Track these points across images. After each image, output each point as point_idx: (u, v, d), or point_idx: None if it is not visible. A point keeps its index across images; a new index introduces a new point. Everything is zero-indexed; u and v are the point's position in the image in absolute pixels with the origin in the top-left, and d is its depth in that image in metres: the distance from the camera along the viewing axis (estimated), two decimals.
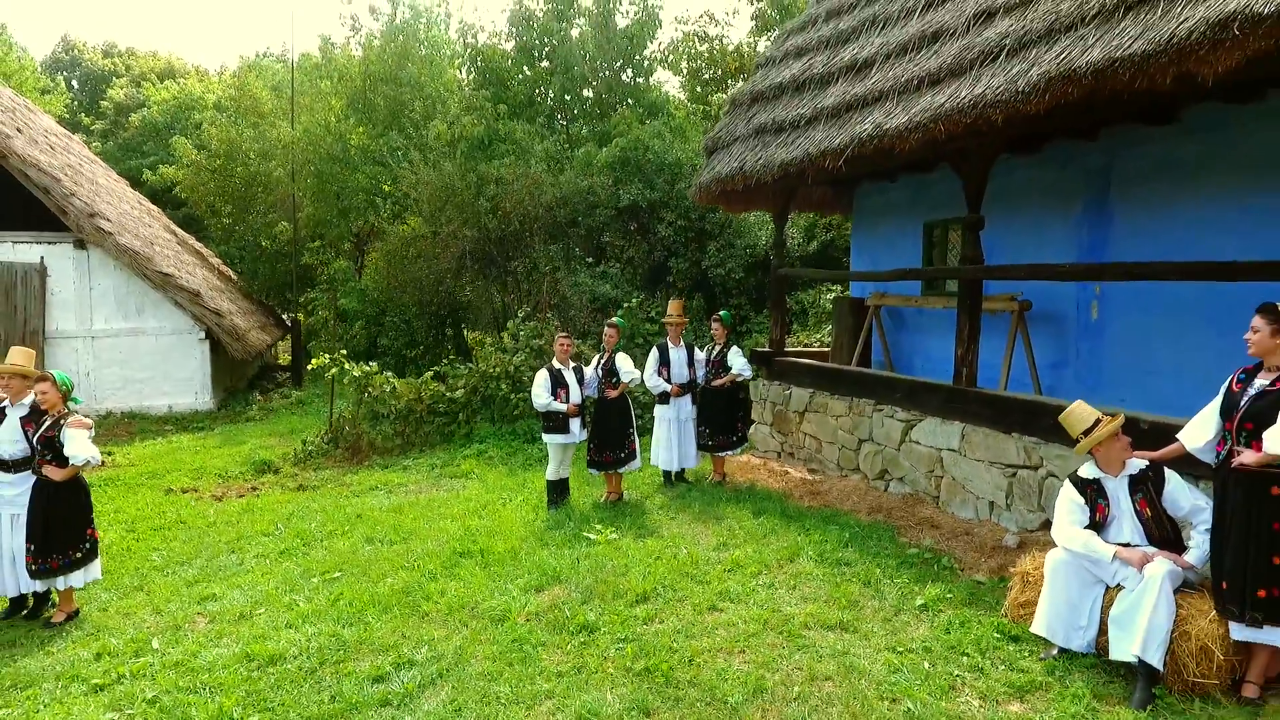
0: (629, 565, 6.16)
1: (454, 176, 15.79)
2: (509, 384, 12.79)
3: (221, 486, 11.49)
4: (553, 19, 17.75)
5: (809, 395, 9.57)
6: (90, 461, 6.07)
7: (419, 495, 9.95)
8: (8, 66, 31.40)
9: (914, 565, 6.00)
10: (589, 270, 15.10)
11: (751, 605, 5.39)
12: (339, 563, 7.05)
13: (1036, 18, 5.72)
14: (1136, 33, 4.79)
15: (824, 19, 9.38)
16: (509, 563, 6.54)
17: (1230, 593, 4.05)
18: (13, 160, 15.90)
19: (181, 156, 27.50)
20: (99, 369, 16.95)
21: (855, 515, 7.41)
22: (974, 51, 6.16)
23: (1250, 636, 4.02)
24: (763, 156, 8.74)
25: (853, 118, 7.45)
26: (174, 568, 7.49)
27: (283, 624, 5.66)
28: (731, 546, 6.67)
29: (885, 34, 7.80)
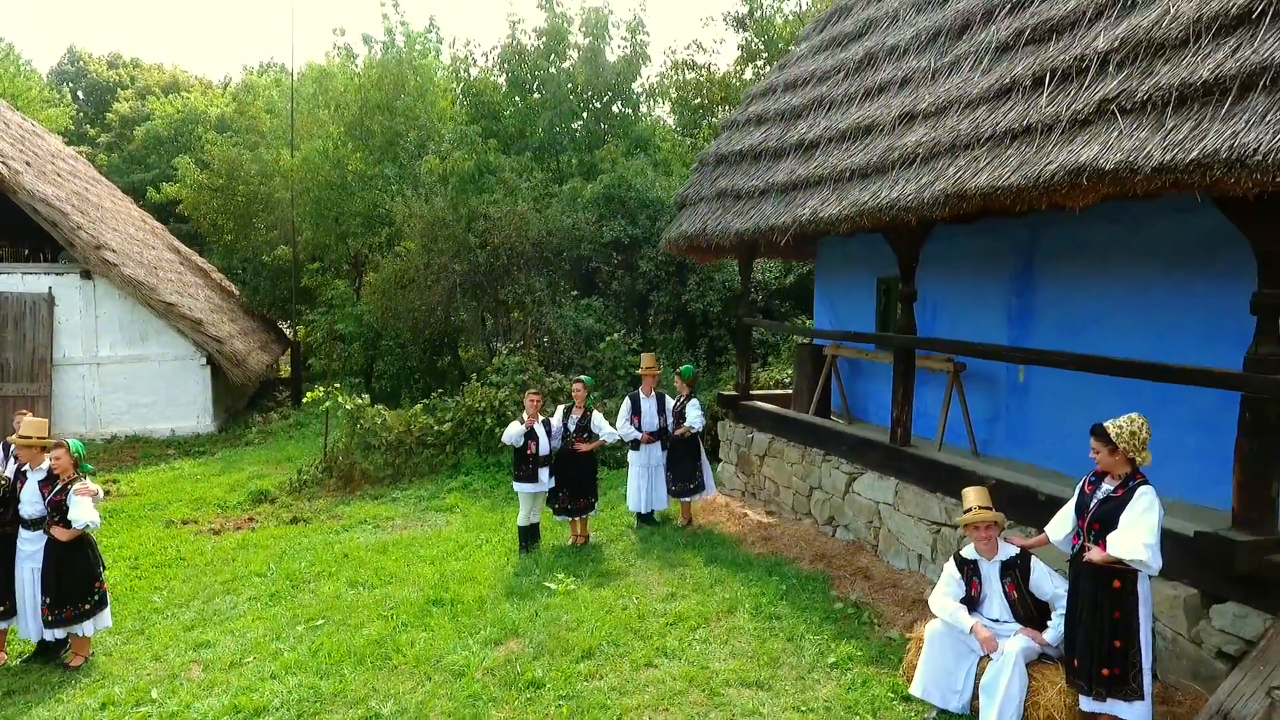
0: (581, 619, 6.85)
1: (445, 210, 16.49)
2: (494, 418, 13.47)
3: (220, 518, 12.23)
4: (542, 57, 18.41)
5: (769, 440, 10.25)
6: (90, 525, 6.78)
7: (403, 532, 10.66)
8: (16, 86, 32.13)
9: (837, 620, 6.68)
10: (574, 303, 15.78)
11: (683, 662, 6.08)
12: (323, 609, 7.76)
13: (944, 131, 6.39)
14: (1015, 164, 5.45)
15: (782, 89, 10.04)
16: (475, 613, 7.24)
17: (1080, 669, 4.72)
18: (22, 195, 16.65)
19: (184, 176, 28.27)
20: (104, 394, 17.71)
21: (798, 564, 8.09)
22: (895, 153, 6.83)
23: (1096, 708, 4.69)
24: (722, 222, 9.41)
25: (798, 198, 8.12)
26: (173, 610, 8.21)
27: (268, 674, 6.37)
28: (679, 598, 7.35)
29: (830, 117, 8.46)
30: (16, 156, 17.72)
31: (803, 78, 9.67)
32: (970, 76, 6.58)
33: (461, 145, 17.64)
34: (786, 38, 21.14)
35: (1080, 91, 5.32)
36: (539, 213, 16.05)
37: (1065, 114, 5.29)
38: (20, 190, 16.60)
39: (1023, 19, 6.47)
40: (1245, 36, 4.44)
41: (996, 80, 6.19)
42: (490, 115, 19.15)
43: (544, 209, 16.64)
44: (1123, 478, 4.66)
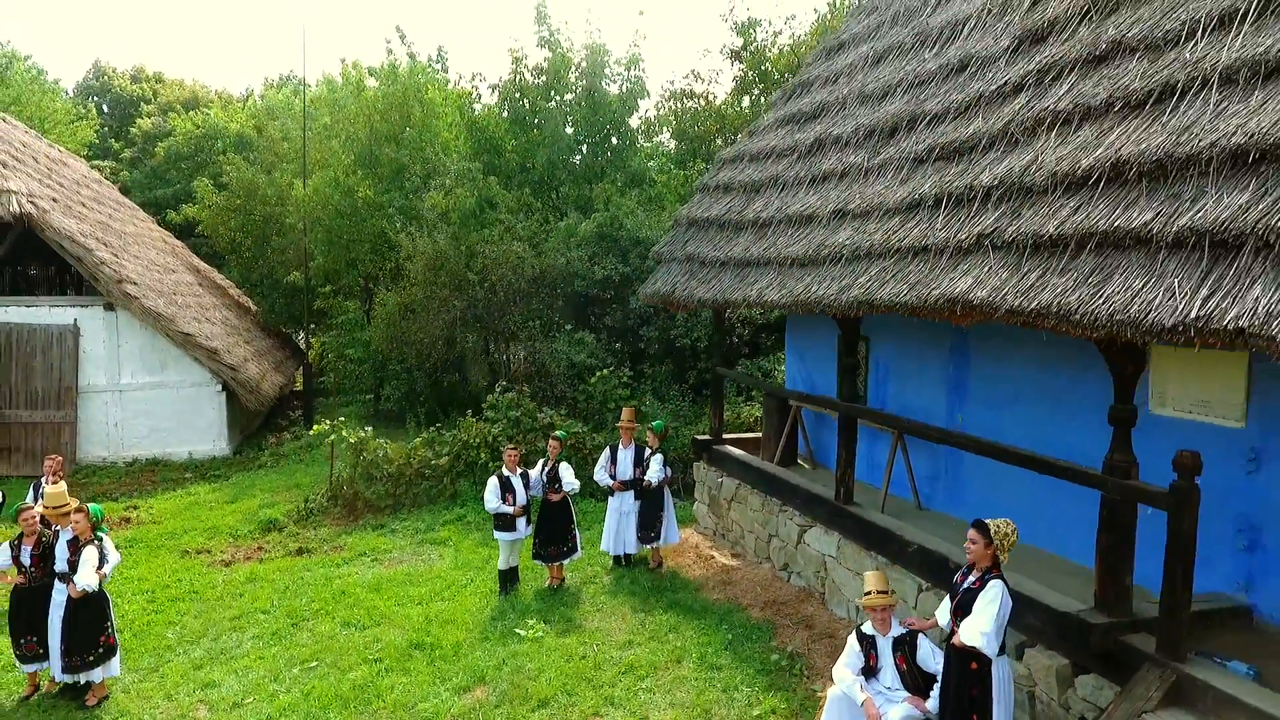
0: (542, 668, 7.69)
1: (447, 246, 17.38)
2: (488, 452, 14.34)
3: (231, 548, 13.18)
4: (542, 95, 19.22)
5: (736, 486, 11.04)
6: (88, 589, 7.60)
7: (398, 566, 11.54)
8: (43, 109, 33.38)
9: (771, 673, 7.47)
10: (568, 337, 16.61)
11: (626, 711, 6.90)
12: (317, 650, 8.64)
13: (865, 236, 7.14)
14: (912, 282, 6.20)
15: (747, 160, 10.80)
16: (451, 659, 8.10)
17: None
18: (49, 233, 17.70)
19: (203, 197, 29.41)
20: (126, 420, 18.76)
21: (749, 612, 8.89)
22: (826, 250, 7.59)
23: None
24: (688, 287, 10.20)
25: (750, 275, 8.90)
26: (185, 646, 9.12)
27: (265, 716, 7.25)
28: (635, 645, 8.17)
29: (782, 198, 9.23)
30: (44, 194, 18.78)
31: (765, 151, 10.42)
32: (891, 184, 7.32)
33: (464, 182, 18.49)
34: (781, 69, 21.86)
35: (967, 220, 6.06)
36: (535, 251, 16.88)
37: (953, 240, 6.04)
38: (48, 228, 17.65)
39: (936, 134, 7.20)
40: (1086, 198, 5.17)
41: (909, 193, 6.93)
42: (492, 150, 20.00)
43: (540, 244, 17.49)
44: (983, 571, 5.42)
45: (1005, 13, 7.40)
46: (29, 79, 35.61)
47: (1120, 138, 5.09)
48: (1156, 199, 4.66)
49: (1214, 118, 4.59)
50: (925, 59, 8.26)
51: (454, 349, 17.05)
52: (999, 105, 6.55)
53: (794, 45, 22.08)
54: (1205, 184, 4.43)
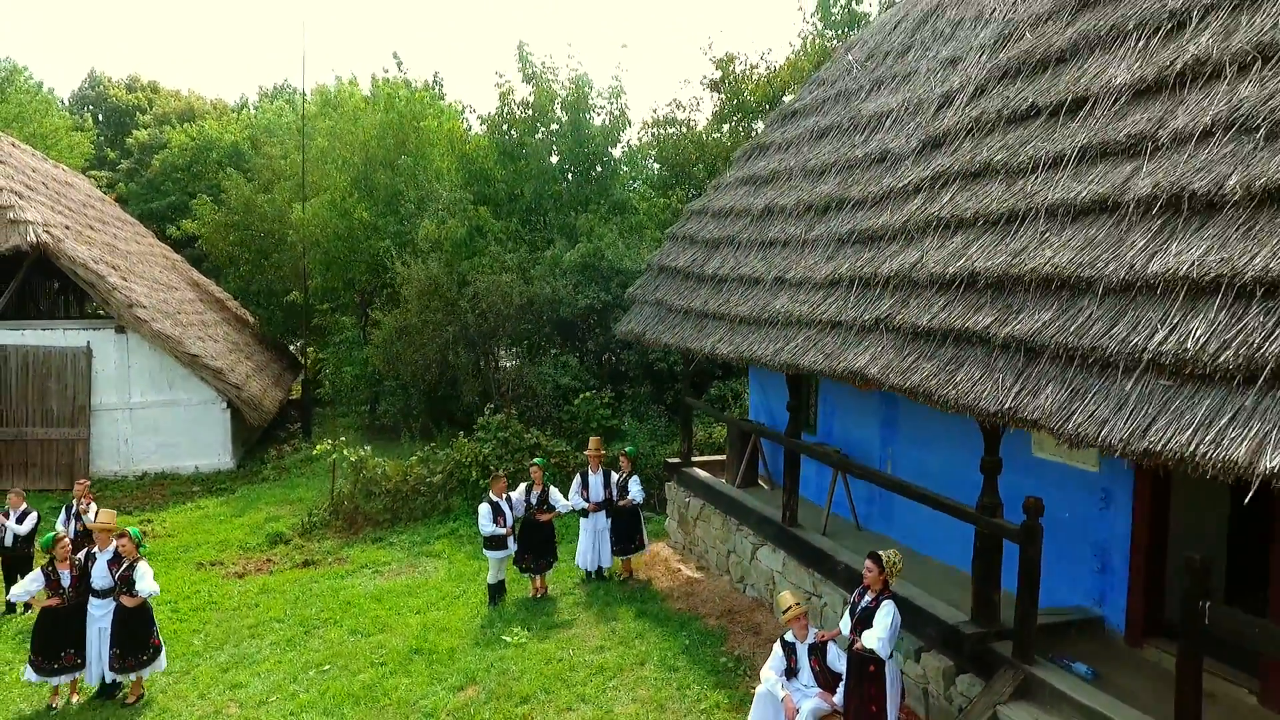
0: (525, 670, 9.10)
1: (440, 273, 18.75)
2: (479, 470, 15.73)
3: (242, 560, 14.55)
4: (527, 131, 20.59)
5: (701, 505, 12.46)
6: (152, 594, 9.03)
7: (397, 578, 12.93)
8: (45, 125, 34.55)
9: (719, 673, 8.89)
10: (553, 361, 18.00)
11: (595, 706, 8.31)
12: (329, 655, 10.03)
13: (798, 304, 8.55)
14: (827, 353, 7.61)
15: (710, 216, 12.22)
16: (446, 662, 9.49)
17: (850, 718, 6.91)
18: (64, 261, 19.02)
19: (202, 214, 30.70)
20: (136, 436, 20.09)
21: (706, 620, 10.30)
22: (766, 313, 9.01)
23: None
24: (656, 330, 11.61)
25: (707, 327, 10.32)
26: (210, 652, 10.50)
27: (289, 712, 8.64)
28: (605, 650, 9.58)
29: (736, 257, 10.64)
30: (57, 221, 20.09)
31: (725, 209, 11.83)
32: (820, 260, 8.73)
33: (456, 212, 19.85)
34: (758, 99, 23.27)
35: (870, 304, 7.47)
36: (524, 279, 18.26)
37: (859, 320, 7.45)
38: (63, 256, 18.97)
39: (856, 219, 8.61)
40: (951, 297, 6.58)
41: (832, 270, 8.34)
42: (482, 179, 21.35)
43: (528, 271, 18.87)
44: (878, 592, 6.84)
45: (916, 113, 8.81)
46: (30, 94, 36.75)
47: (978, 251, 6.50)
48: (996, 307, 6.07)
49: (1038, 245, 6.01)
50: (855, 144, 9.68)
51: (448, 371, 18.39)
52: (903, 202, 7.96)
53: (770, 77, 23.47)
54: (1026, 300, 5.85)
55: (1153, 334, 4.77)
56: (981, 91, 7.95)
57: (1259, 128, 4.96)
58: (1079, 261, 5.51)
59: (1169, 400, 4.57)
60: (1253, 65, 5.40)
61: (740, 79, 23.47)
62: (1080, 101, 6.54)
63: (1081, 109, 6.50)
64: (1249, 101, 5.15)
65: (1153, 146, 5.62)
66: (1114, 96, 6.26)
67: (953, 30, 9.50)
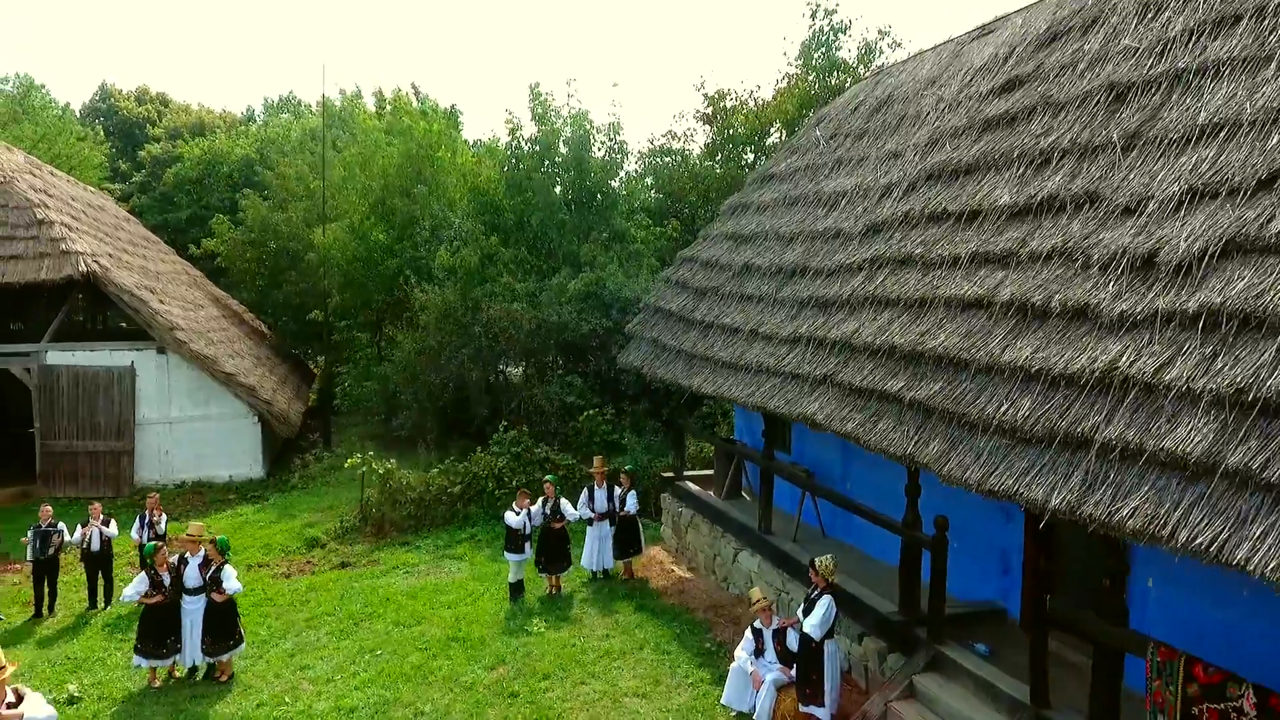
0: (545, 653, 11.25)
1: (454, 299, 20.89)
2: (494, 481, 17.89)
3: (285, 562, 16.67)
4: (535, 166, 22.71)
5: (691, 515, 14.62)
6: (236, 591, 11.16)
7: (427, 578, 15.06)
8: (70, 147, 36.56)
9: (704, 655, 11.04)
10: (560, 381, 20.15)
11: (603, 681, 10.45)
12: (379, 643, 12.16)
13: (766, 355, 10.69)
14: (788, 398, 9.74)
15: (699, 264, 14.36)
16: (479, 647, 11.64)
17: (799, 690, 9.05)
18: (111, 288, 21.13)
19: (220, 233, 32.83)
20: (175, 447, 22.20)
21: (694, 614, 12.46)
22: (743, 359, 11.14)
23: (806, 709, 9.02)
24: (652, 366, 13.76)
25: (695, 366, 12.46)
26: (276, 641, 12.61)
27: (352, 687, 10.77)
28: (610, 637, 11.73)
29: (720, 307, 12.78)
30: (101, 250, 22.19)
31: (711, 260, 13.96)
32: (785, 319, 10.85)
33: (469, 241, 21.98)
34: (748, 131, 25.40)
35: (821, 361, 9.59)
36: (532, 306, 20.40)
37: (812, 374, 9.58)
38: (110, 284, 21.08)
39: (815, 286, 10.73)
40: (879, 363, 8.71)
41: (793, 330, 10.46)
42: (492, 209, 23.48)
43: (536, 296, 20.99)
44: (820, 589, 8.98)
45: (864, 198, 10.95)
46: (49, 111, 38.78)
47: (897, 328, 8.64)
48: (907, 375, 8.20)
49: (937, 329, 8.12)
50: (818, 217, 11.81)
51: (464, 391, 20.53)
52: (850, 278, 10.08)
53: (758, 111, 25.63)
54: (926, 371, 7.99)
55: (1000, 406, 6.91)
56: (912, 188, 10.09)
57: (1078, 259, 7.09)
58: (961, 346, 7.64)
59: (1006, 455, 6.71)
60: (1087, 204, 7.53)
61: (730, 113, 25.63)
62: (975, 214, 8.67)
63: (975, 220, 8.64)
64: (1077, 235, 7.28)
65: (1016, 261, 7.75)
66: (998, 214, 8.40)
67: (898, 124, 11.65)
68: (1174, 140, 7.04)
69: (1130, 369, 5.97)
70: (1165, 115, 7.32)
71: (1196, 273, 6.02)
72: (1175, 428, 5.51)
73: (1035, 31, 10.06)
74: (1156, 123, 7.37)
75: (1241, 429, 5.16)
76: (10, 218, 20.86)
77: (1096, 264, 6.84)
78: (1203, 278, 5.96)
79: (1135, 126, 7.53)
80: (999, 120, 9.43)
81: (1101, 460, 5.91)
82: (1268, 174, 6.04)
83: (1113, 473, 5.80)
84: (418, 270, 23.31)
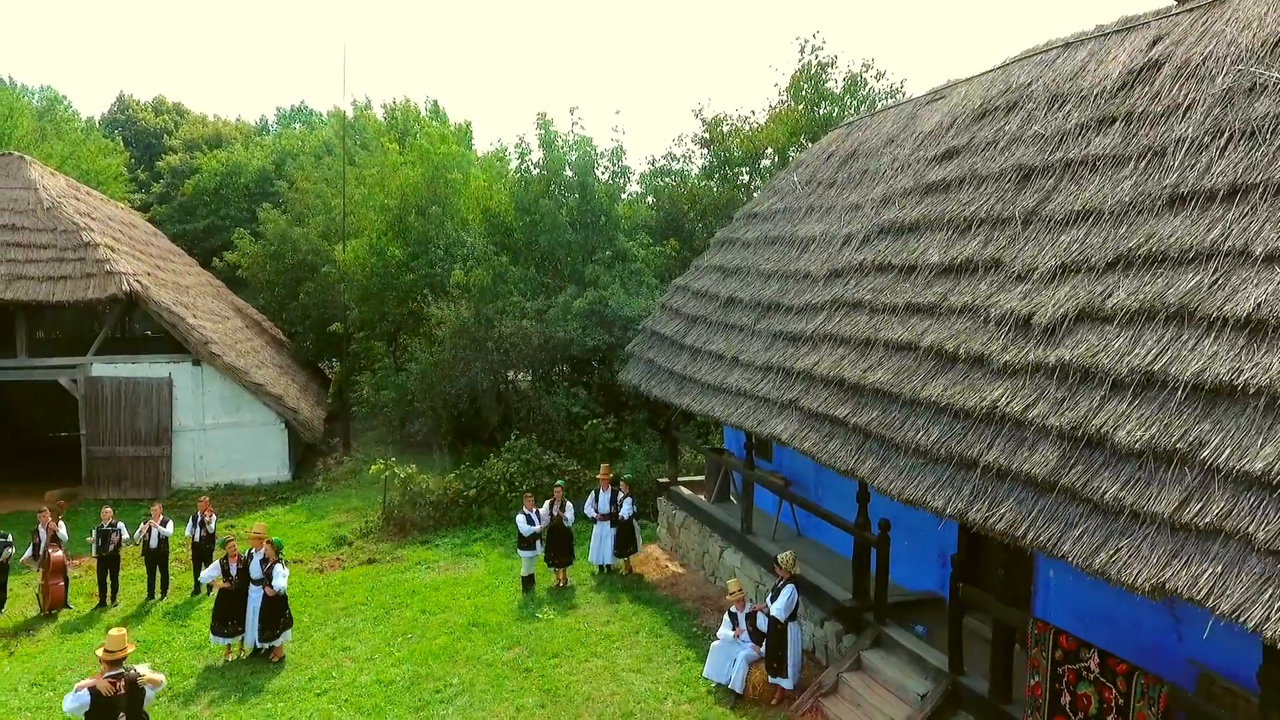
0: (554, 636, 13.18)
1: (468, 316, 22.82)
2: (506, 485, 19.83)
3: (318, 558, 18.62)
4: (543, 192, 24.64)
5: (684, 517, 16.53)
6: (281, 589, 13.07)
7: (447, 573, 17.00)
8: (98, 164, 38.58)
9: (692, 637, 12.96)
10: (565, 392, 22.08)
11: (604, 659, 12.38)
12: (409, 628, 14.10)
13: (744, 380, 12.59)
14: (760, 419, 11.65)
15: (690, 294, 16.26)
16: (497, 631, 13.57)
17: (768, 664, 10.96)
18: (151, 306, 23.10)
19: (242, 247, 34.83)
20: (209, 452, 24.18)
21: (685, 603, 14.38)
22: (724, 384, 13.04)
23: (773, 680, 10.93)
24: (648, 385, 15.67)
25: (685, 387, 14.37)
26: (318, 627, 14.56)
27: (390, 664, 12.71)
28: (611, 623, 13.66)
29: (706, 335, 14.68)
30: (140, 270, 24.16)
31: (701, 290, 15.87)
32: (760, 349, 12.73)
33: (481, 260, 23.92)
34: (743, 153, 27.28)
35: (788, 388, 11.48)
36: (540, 322, 22.33)
37: (780, 399, 11.47)
38: (150, 302, 23.05)
39: (785, 321, 12.58)
40: (832, 392, 10.60)
41: (766, 359, 12.29)
42: (503, 230, 25.41)
43: (543, 313, 22.91)
44: (784, 580, 10.89)
45: (829, 245, 12.84)
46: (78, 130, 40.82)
47: (847, 363, 10.52)
48: (852, 403, 10.08)
49: (876, 365, 10.01)
50: (792, 258, 13.71)
51: (477, 400, 22.48)
52: (814, 316, 11.98)
53: (752, 135, 27.51)
54: (866, 401, 9.88)
55: (918, 432, 8.81)
56: (866, 240, 11.99)
57: (981, 315, 8.98)
58: (894, 382, 9.54)
59: (919, 471, 8.62)
60: (993, 268, 9.42)
61: (727, 137, 27.53)
62: (912, 268, 10.57)
63: (912, 274, 10.53)
64: (982, 295, 9.17)
65: (938, 313, 9.65)
66: (929, 270, 10.29)
67: (860, 177, 13.54)
68: (1058, 221, 8.94)
69: (1007, 407, 7.88)
70: (1055, 198, 9.22)
71: (1059, 333, 7.93)
72: (1032, 454, 7.42)
73: (972, 106, 11.95)
74: (1049, 203, 9.27)
75: (1074, 457, 7.07)
76: (59, 241, 22.85)
77: (994, 320, 8.74)
78: (1062, 338, 7.86)
79: (1034, 205, 9.42)
80: (937, 186, 11.31)
81: (983, 477, 7.82)
82: (1115, 257, 7.94)
83: (990, 487, 7.72)
84: (432, 286, 25.23)
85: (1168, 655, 8.18)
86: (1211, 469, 5.99)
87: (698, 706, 10.99)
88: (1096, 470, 6.80)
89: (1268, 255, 6.60)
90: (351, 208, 30.01)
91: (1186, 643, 8.09)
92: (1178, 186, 7.82)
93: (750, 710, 10.85)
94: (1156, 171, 8.21)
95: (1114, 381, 7.08)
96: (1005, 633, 8.76)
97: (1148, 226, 7.84)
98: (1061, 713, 8.05)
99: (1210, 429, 6.18)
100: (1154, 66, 9.23)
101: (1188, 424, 6.32)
